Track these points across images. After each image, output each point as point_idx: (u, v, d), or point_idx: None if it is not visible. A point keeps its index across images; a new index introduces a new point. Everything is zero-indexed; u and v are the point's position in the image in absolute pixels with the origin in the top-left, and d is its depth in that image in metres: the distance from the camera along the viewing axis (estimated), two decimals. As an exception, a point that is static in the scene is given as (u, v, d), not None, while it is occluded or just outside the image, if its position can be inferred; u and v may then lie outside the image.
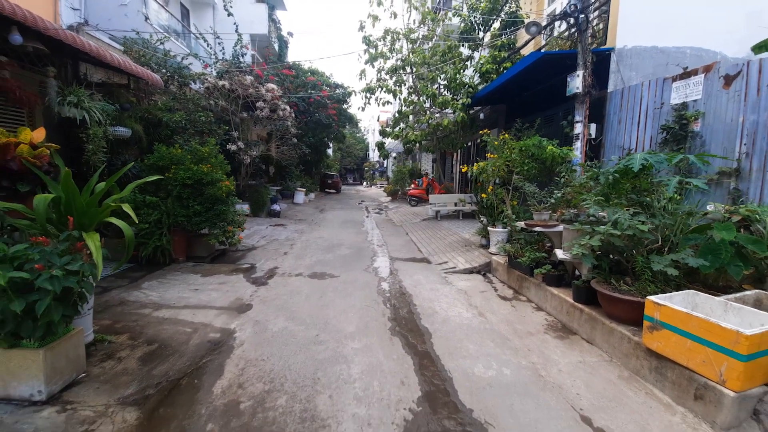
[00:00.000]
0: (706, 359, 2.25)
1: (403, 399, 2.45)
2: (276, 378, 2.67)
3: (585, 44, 5.98)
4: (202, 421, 2.22)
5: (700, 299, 2.68)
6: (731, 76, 4.34)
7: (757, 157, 4.04)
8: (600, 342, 3.17)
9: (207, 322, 3.63)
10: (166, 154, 5.41)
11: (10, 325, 2.13)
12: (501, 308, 4.20)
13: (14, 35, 3.84)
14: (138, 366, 2.81)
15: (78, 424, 2.16)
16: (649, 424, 2.24)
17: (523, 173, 5.82)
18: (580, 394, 2.54)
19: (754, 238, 2.88)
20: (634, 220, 2.90)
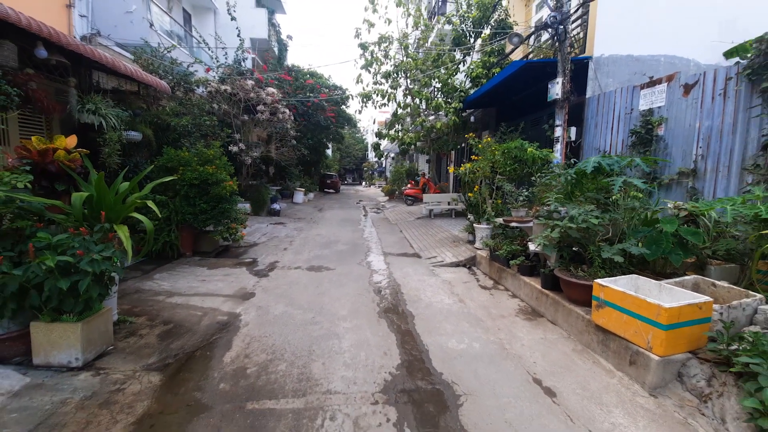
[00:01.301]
0: (637, 330, 2.69)
1: (385, 366, 2.89)
2: (277, 350, 3.11)
3: (564, 53, 6.40)
4: (216, 381, 2.65)
5: (641, 282, 3.11)
6: (690, 85, 4.77)
7: (711, 159, 4.47)
8: (561, 322, 3.61)
9: (215, 307, 4.07)
10: (175, 156, 5.84)
11: (55, 301, 2.56)
12: (480, 296, 4.63)
13: (40, 50, 4.27)
14: (157, 341, 3.24)
15: (111, 384, 2.59)
16: (590, 384, 2.68)
17: (506, 174, 6.26)
18: (536, 363, 2.97)
19: (693, 230, 3.32)
20: (588, 215, 3.33)
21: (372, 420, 2.25)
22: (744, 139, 4.11)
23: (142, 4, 9.83)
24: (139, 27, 9.62)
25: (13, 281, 2.44)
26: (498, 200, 6.43)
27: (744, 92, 4.12)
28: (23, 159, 2.96)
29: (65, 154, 3.09)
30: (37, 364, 2.74)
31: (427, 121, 10.99)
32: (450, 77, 10.15)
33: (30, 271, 2.41)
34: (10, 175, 2.62)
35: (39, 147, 3.01)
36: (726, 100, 4.31)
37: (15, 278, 2.44)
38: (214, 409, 2.35)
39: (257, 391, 2.53)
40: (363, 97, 10.98)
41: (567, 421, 2.29)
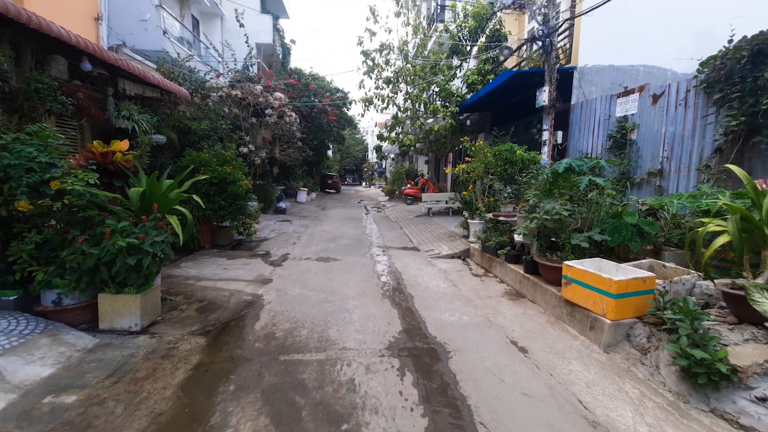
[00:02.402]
0: (595, 301, 3.29)
1: (389, 332, 3.49)
2: (298, 321, 3.70)
3: (550, 64, 7.02)
4: (251, 342, 3.25)
5: (603, 264, 3.71)
6: (657, 95, 5.38)
7: (674, 160, 5.08)
8: (539, 300, 4.21)
9: (239, 289, 4.66)
10: (196, 157, 6.43)
11: (122, 275, 3.16)
12: (471, 282, 5.23)
13: (85, 63, 4.85)
14: (196, 314, 3.83)
15: (166, 344, 3.19)
16: (557, 345, 3.28)
17: (497, 174, 6.86)
18: (514, 330, 3.57)
19: (649, 222, 3.92)
20: (561, 208, 3.94)
21: (380, 366, 2.85)
22: (701, 143, 4.72)
23: (156, 13, 10.42)
24: (153, 34, 10.21)
25: (90, 258, 3.03)
26: (490, 198, 7.03)
27: (701, 102, 4.73)
28: (89, 160, 3.55)
29: (121, 156, 3.68)
30: (103, 328, 3.33)
31: (425, 124, 11.61)
32: (447, 83, 10.76)
33: (105, 250, 3.00)
34: (82, 173, 3.21)
35: (101, 150, 3.60)
36: (687, 109, 4.92)
37: (92, 256, 3.03)
38: (253, 360, 2.94)
39: (286, 348, 3.13)
40: (365, 102, 11.60)
41: (534, 368, 2.89)
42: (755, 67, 4.04)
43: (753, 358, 2.39)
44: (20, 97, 3.81)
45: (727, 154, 4.31)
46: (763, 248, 2.69)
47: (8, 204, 3.04)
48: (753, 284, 2.43)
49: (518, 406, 2.42)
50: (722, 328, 2.74)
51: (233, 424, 2.20)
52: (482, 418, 2.29)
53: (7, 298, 3.21)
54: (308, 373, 2.75)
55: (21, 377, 2.60)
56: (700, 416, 2.35)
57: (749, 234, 2.73)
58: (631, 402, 2.49)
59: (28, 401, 2.40)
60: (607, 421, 2.29)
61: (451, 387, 2.62)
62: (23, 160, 2.92)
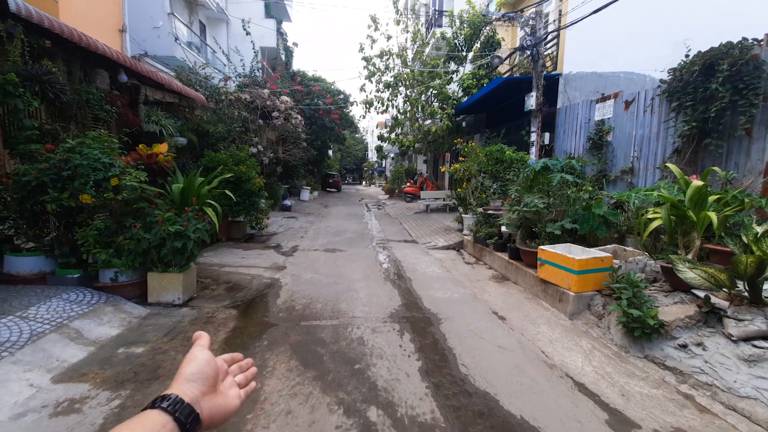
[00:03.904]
0: (563, 277, 3.94)
1: (390, 305, 4.14)
2: (313, 297, 4.35)
3: (538, 71, 7.66)
4: (275, 312, 3.90)
5: (573, 248, 4.35)
6: (629, 101, 6.03)
7: (642, 160, 5.73)
8: (520, 282, 4.86)
9: (259, 274, 5.31)
10: (214, 157, 7.07)
11: (169, 257, 3.80)
12: (463, 268, 5.88)
13: (122, 75, 5.51)
14: (225, 292, 4.48)
15: (205, 314, 3.84)
16: (530, 314, 3.93)
17: (488, 172, 7.51)
18: (496, 304, 4.22)
19: (613, 212, 4.57)
20: (539, 201, 4.58)
21: (383, 329, 3.50)
22: (663, 144, 5.36)
23: (168, 20, 11.05)
24: (165, 41, 10.85)
25: (144, 242, 3.68)
26: (482, 194, 7.67)
27: (663, 109, 5.38)
28: (137, 160, 4.19)
29: (163, 157, 4.33)
30: (150, 302, 3.98)
31: (424, 125, 12.25)
32: (444, 86, 11.40)
33: (156, 235, 3.65)
34: (134, 171, 3.86)
35: (147, 152, 4.25)
36: (652, 114, 5.56)
37: (145, 240, 3.68)
38: (279, 325, 3.59)
39: (306, 317, 3.78)
40: (366, 104, 12.24)
41: (509, 330, 3.54)
42: (706, 78, 4.68)
43: (677, 315, 3.04)
44: (74, 107, 4.45)
45: (684, 154, 4.95)
46: (691, 230, 3.34)
47: (74, 197, 3.68)
48: (678, 258, 3.07)
49: (493, 354, 3.07)
50: (659, 295, 3.39)
51: (271, 365, 2.85)
52: (464, 361, 2.94)
53: (72, 275, 3.86)
54: (325, 333, 3.40)
55: (96, 335, 3.26)
56: (635, 361, 3.00)
57: (681, 219, 3.37)
58: (583, 352, 3.14)
59: (105, 352, 3.05)
60: (561, 365, 2.94)
61: (440, 342, 3.27)
62: (90, 161, 3.57)
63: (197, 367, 0.59)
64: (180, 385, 0.56)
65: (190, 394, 0.55)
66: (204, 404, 0.57)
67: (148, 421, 0.50)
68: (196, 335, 0.65)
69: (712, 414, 2.35)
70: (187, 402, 0.54)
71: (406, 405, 2.37)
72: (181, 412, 0.52)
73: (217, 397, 0.60)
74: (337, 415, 2.26)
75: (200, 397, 0.57)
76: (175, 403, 0.53)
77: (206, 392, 0.58)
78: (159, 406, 0.52)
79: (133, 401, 2.34)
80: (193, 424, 0.54)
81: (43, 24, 4.10)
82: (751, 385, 2.44)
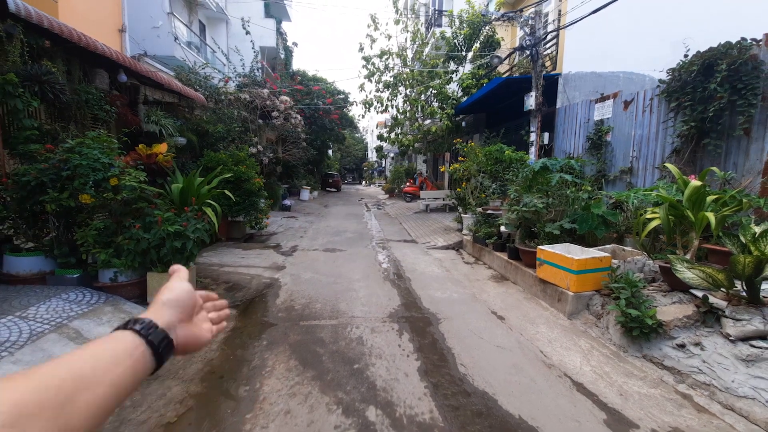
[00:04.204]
0: (562, 277, 3.95)
1: (390, 305, 4.14)
2: (312, 297, 4.36)
3: (537, 71, 7.66)
4: (275, 312, 3.90)
5: (571, 248, 4.36)
6: (628, 101, 6.03)
7: (641, 160, 5.74)
8: (519, 281, 4.87)
9: (258, 274, 5.31)
10: (214, 157, 7.07)
11: (169, 256, 3.80)
12: (463, 268, 5.89)
13: (121, 75, 5.51)
14: (224, 292, 4.49)
15: (204, 314, 3.84)
16: (529, 314, 3.93)
17: (488, 172, 7.51)
18: (495, 304, 4.23)
19: (612, 212, 4.58)
20: (538, 201, 4.59)
21: (383, 328, 3.51)
22: (662, 144, 5.37)
23: (167, 20, 11.04)
24: (165, 40, 10.84)
25: (143, 242, 3.68)
26: (482, 194, 7.68)
27: (662, 109, 5.38)
28: (137, 160, 4.20)
29: (163, 157, 4.33)
30: (150, 302, 3.96)
31: (423, 125, 12.25)
32: (443, 86, 11.41)
33: (156, 235, 3.65)
34: (134, 171, 3.86)
35: (146, 152, 4.25)
36: (651, 114, 5.57)
37: (145, 240, 3.68)
38: (278, 325, 3.60)
39: (305, 317, 3.78)
40: (366, 104, 12.24)
41: (508, 330, 3.55)
42: (705, 78, 4.69)
43: (675, 315, 3.05)
44: (73, 107, 4.45)
45: (683, 154, 4.96)
46: (689, 230, 3.34)
47: (74, 197, 3.68)
48: (676, 258, 3.07)
49: (492, 354, 3.08)
50: (657, 295, 3.39)
51: (270, 365, 2.85)
52: (462, 361, 2.95)
53: (72, 275, 3.86)
54: (324, 333, 3.41)
55: (95, 335, 3.26)
56: (633, 360, 3.01)
57: (679, 219, 3.38)
58: (582, 352, 3.15)
59: (105, 352, 3.05)
60: (560, 364, 2.95)
61: (439, 342, 3.28)
62: (90, 161, 3.57)
63: (175, 295, 0.57)
64: (156, 311, 0.54)
65: (167, 318, 0.54)
66: (179, 332, 0.55)
67: (118, 343, 0.47)
68: (173, 268, 0.64)
69: (710, 414, 2.35)
70: (162, 327, 0.52)
71: (405, 405, 2.38)
72: (155, 335, 0.50)
73: (193, 327, 0.59)
74: (335, 415, 2.27)
75: (176, 323, 0.55)
76: (149, 327, 0.51)
77: (183, 320, 0.57)
78: (131, 328, 0.50)
79: (132, 401, 2.34)
80: (166, 349, 0.52)
81: (43, 24, 4.10)
82: (748, 384, 2.45)
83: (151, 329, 0.51)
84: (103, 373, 0.43)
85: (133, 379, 0.47)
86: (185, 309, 0.58)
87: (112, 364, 0.44)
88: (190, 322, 0.59)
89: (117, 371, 0.44)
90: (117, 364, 0.45)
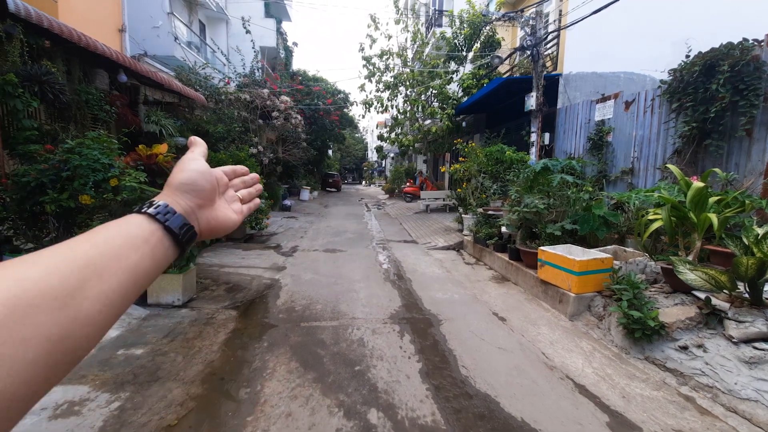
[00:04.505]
0: (563, 278, 3.94)
1: (390, 306, 4.13)
2: (313, 298, 4.34)
3: (538, 71, 7.65)
4: (275, 313, 3.89)
5: (573, 249, 4.35)
6: (629, 102, 6.02)
7: (643, 160, 5.72)
8: (520, 282, 4.85)
9: (258, 274, 5.30)
10: (214, 157, 7.06)
11: (169, 257, 3.79)
12: (463, 269, 5.88)
13: (121, 76, 5.50)
14: (225, 293, 4.47)
15: (205, 315, 3.83)
16: (531, 315, 3.92)
17: (488, 172, 7.50)
18: (497, 305, 4.22)
19: (614, 213, 4.57)
20: (539, 202, 4.58)
21: (384, 330, 3.50)
22: (664, 145, 5.36)
23: (167, 20, 11.03)
24: (165, 40, 10.83)
25: (144, 243, 3.66)
26: (482, 195, 7.67)
27: (664, 110, 5.37)
28: (137, 161, 4.19)
29: (163, 157, 4.32)
30: (150, 303, 3.97)
31: (423, 125, 12.24)
32: (443, 86, 11.40)
33: (156, 236, 3.64)
34: (134, 172, 3.85)
35: (147, 152, 4.24)
36: (652, 115, 5.56)
37: (145, 241, 3.66)
38: (279, 326, 3.58)
39: (306, 318, 3.77)
40: (366, 105, 12.23)
41: (509, 331, 3.53)
42: (707, 79, 4.68)
43: (677, 317, 3.04)
44: (73, 107, 4.44)
45: (684, 155, 4.95)
46: (692, 231, 3.33)
47: (74, 198, 3.67)
48: (678, 259, 3.06)
49: (493, 356, 3.07)
50: (660, 296, 3.38)
51: (271, 367, 2.84)
52: (464, 362, 2.94)
53: (71, 276, 3.84)
54: (325, 335, 3.40)
55: (95, 336, 3.24)
56: (636, 362, 3.00)
57: (681, 220, 3.37)
58: (584, 353, 3.13)
59: (104, 353, 3.04)
60: (562, 366, 2.94)
61: (440, 343, 3.27)
62: (90, 162, 3.56)
63: (189, 178, 0.48)
64: (170, 195, 0.47)
65: (183, 204, 0.47)
66: (202, 216, 0.49)
67: (131, 227, 0.41)
68: (191, 140, 0.56)
69: (713, 416, 2.34)
70: (180, 212, 0.45)
71: (407, 407, 2.37)
72: (173, 221, 0.44)
73: (216, 211, 0.52)
74: (337, 418, 2.26)
75: (195, 209, 0.48)
76: (165, 212, 0.44)
77: (203, 205, 0.49)
78: (144, 212, 0.43)
79: (133, 403, 2.33)
80: (187, 236, 0.45)
81: (43, 24, 4.08)
82: (751, 387, 2.44)
83: (168, 214, 0.44)
84: (116, 259, 0.37)
85: (153, 267, 0.41)
86: (203, 193, 0.49)
87: (127, 250, 0.38)
88: (213, 206, 0.51)
89: (133, 258, 0.39)
90: (133, 250, 0.39)
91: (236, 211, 0.56)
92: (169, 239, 0.43)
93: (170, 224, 0.43)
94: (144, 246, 0.40)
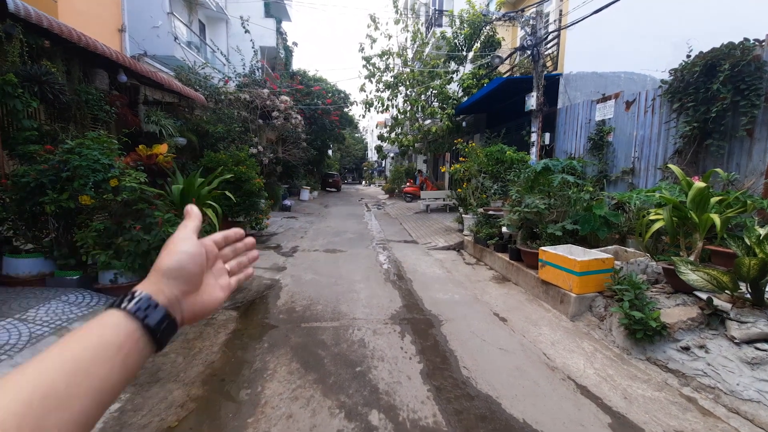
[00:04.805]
0: (564, 278, 3.93)
1: (391, 306, 4.12)
2: (314, 299, 4.34)
3: (538, 71, 7.64)
4: (276, 313, 3.88)
5: (574, 249, 4.34)
6: (629, 102, 6.01)
7: (643, 160, 5.72)
8: (521, 282, 4.85)
9: (259, 275, 5.29)
10: (214, 157, 7.05)
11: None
12: (464, 269, 5.87)
13: (121, 76, 5.48)
14: (225, 294, 4.46)
15: (205, 316, 3.81)
16: (532, 316, 3.92)
17: (489, 172, 7.50)
18: (497, 305, 4.21)
19: (614, 213, 4.56)
20: (540, 202, 4.57)
21: (385, 330, 3.49)
22: (664, 145, 5.35)
23: (167, 20, 11.01)
24: (165, 40, 10.81)
25: (143, 243, 3.66)
26: (483, 195, 7.66)
27: (665, 110, 5.36)
28: (137, 161, 4.18)
29: (163, 158, 4.31)
30: (150, 304, 3.96)
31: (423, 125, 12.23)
32: (443, 86, 11.39)
33: (156, 237, 3.63)
34: (134, 172, 3.84)
35: (147, 153, 4.23)
36: (653, 115, 5.55)
37: (145, 241, 3.66)
38: (279, 327, 3.57)
39: (306, 318, 3.76)
40: (366, 104, 12.23)
41: (510, 332, 3.53)
42: (707, 79, 4.67)
43: (679, 317, 3.03)
44: (73, 107, 4.43)
45: (685, 155, 4.94)
46: (693, 232, 3.33)
47: (73, 198, 3.66)
48: (680, 259, 3.05)
49: (494, 357, 3.06)
50: (661, 297, 3.38)
51: (272, 368, 2.83)
52: (465, 363, 2.93)
53: (71, 277, 3.84)
54: (326, 335, 3.39)
55: (95, 337, 3.23)
56: (637, 363, 2.99)
57: (683, 220, 3.36)
58: (585, 354, 3.13)
59: (105, 354, 3.02)
60: (563, 367, 2.93)
61: (441, 344, 3.26)
62: (90, 162, 3.55)
63: (179, 263, 0.46)
64: (155, 283, 0.44)
65: (168, 293, 0.44)
66: (185, 306, 0.46)
67: (106, 332, 0.38)
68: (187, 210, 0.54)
69: (715, 417, 2.34)
70: (162, 304, 0.43)
71: (408, 408, 2.36)
72: (153, 317, 0.41)
73: (202, 295, 0.49)
74: (338, 419, 2.25)
75: (180, 298, 0.45)
76: (146, 306, 0.41)
77: (188, 292, 0.47)
78: (124, 309, 0.40)
79: (133, 405, 2.32)
80: (167, 332, 0.43)
81: (42, 24, 4.07)
82: (754, 387, 2.43)
83: (148, 309, 0.42)
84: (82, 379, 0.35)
85: (122, 378, 0.38)
86: (191, 279, 0.47)
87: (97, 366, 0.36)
88: (199, 290, 0.49)
89: (101, 372, 0.36)
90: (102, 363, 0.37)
91: (223, 286, 0.54)
92: (146, 338, 0.41)
93: (149, 321, 0.41)
94: (116, 356, 0.38)
